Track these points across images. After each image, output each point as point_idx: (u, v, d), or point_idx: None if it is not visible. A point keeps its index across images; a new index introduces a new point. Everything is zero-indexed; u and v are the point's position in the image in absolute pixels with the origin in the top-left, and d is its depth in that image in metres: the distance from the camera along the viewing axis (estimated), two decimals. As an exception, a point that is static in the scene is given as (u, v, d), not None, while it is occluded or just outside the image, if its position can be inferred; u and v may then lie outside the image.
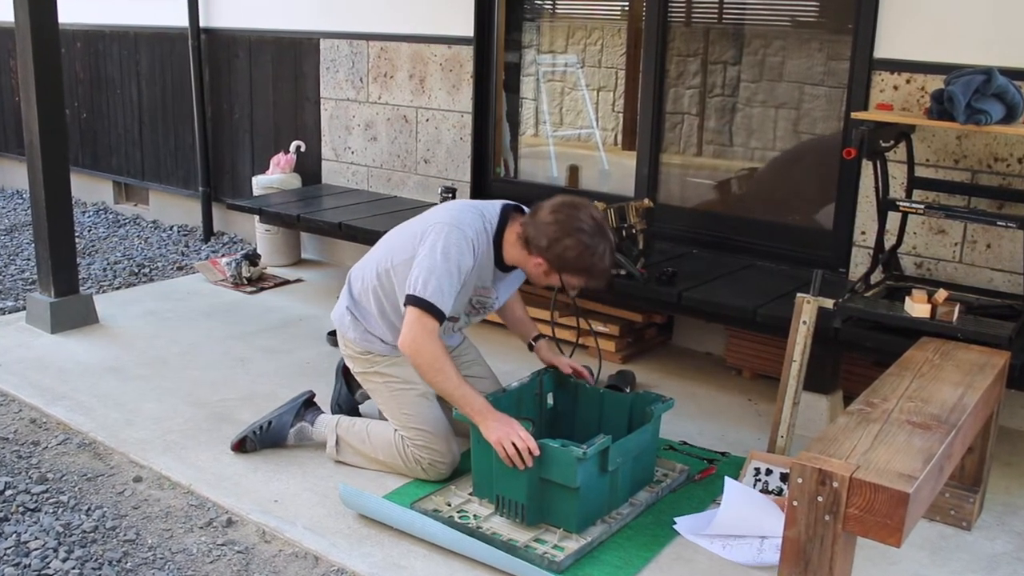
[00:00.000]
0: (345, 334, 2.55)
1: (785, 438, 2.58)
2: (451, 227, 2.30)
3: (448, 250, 2.27)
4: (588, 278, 2.32)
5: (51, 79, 3.39)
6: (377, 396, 2.53)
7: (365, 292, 2.49)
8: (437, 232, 2.29)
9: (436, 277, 2.25)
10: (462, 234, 2.29)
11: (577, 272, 2.30)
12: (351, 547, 2.17)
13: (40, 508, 2.35)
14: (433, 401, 2.50)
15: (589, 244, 2.25)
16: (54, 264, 3.52)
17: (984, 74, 2.48)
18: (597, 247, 2.26)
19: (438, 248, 2.27)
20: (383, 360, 2.51)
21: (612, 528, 2.25)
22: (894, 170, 2.88)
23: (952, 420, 1.82)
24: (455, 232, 2.29)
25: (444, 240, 2.27)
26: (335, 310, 2.59)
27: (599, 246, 2.26)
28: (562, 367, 2.58)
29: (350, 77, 4.36)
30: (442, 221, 2.32)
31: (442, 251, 2.27)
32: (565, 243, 2.25)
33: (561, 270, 2.30)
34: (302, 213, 3.94)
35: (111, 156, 5.62)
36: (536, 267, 2.34)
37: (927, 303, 2.46)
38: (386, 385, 2.49)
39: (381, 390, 2.51)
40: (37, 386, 3.04)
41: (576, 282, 2.34)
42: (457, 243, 2.28)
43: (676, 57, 3.55)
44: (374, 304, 2.48)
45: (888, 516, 1.51)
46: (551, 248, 2.27)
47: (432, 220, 2.36)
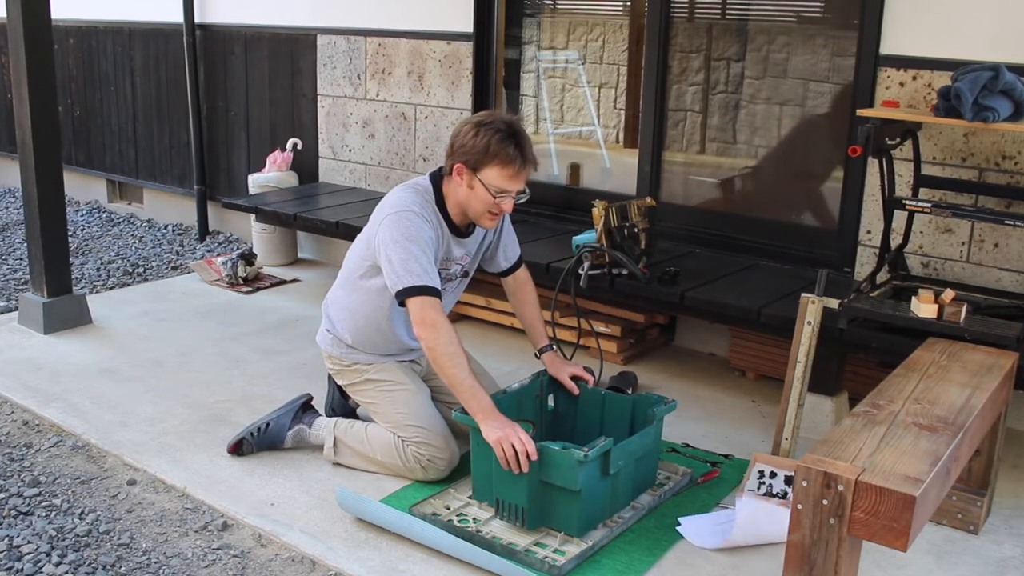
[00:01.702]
0: (330, 354, 2.57)
1: (789, 440, 2.57)
2: (396, 213, 2.30)
3: (408, 232, 2.27)
4: (502, 162, 2.26)
5: (44, 76, 3.37)
6: (371, 404, 2.52)
7: (340, 310, 2.53)
8: (387, 224, 2.30)
9: (409, 261, 2.26)
10: (410, 212, 2.30)
11: (487, 157, 2.25)
12: (348, 551, 2.16)
13: (33, 512, 2.33)
14: (427, 398, 2.50)
15: (481, 121, 2.27)
16: (47, 264, 3.50)
17: (992, 70, 2.47)
18: (490, 125, 2.25)
19: (397, 235, 2.27)
20: (370, 368, 2.52)
21: (614, 532, 2.23)
22: (900, 168, 2.87)
23: (959, 422, 1.81)
24: (404, 215, 2.30)
25: (397, 227, 2.28)
26: (318, 337, 2.63)
27: (492, 123, 2.25)
28: (564, 382, 2.55)
29: (347, 74, 4.34)
30: (385, 214, 2.33)
31: (402, 235, 2.27)
32: (463, 130, 2.29)
33: (473, 165, 2.28)
34: (299, 212, 3.93)
35: (105, 154, 5.60)
36: (460, 183, 2.32)
37: (934, 303, 2.44)
38: (378, 390, 2.49)
39: (374, 396, 2.50)
40: (30, 388, 3.03)
41: (496, 175, 2.27)
42: (410, 221, 2.29)
43: (679, 53, 3.53)
44: (350, 319, 2.50)
45: (894, 520, 1.50)
46: (454, 143, 2.30)
47: (376, 219, 2.38)
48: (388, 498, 2.38)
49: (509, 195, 2.31)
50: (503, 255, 2.63)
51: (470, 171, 2.29)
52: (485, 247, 2.59)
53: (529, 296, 2.66)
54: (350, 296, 2.50)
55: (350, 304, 2.51)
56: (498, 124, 2.26)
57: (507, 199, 2.32)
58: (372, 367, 2.52)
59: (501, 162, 2.26)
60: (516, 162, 2.26)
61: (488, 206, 2.32)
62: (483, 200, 2.31)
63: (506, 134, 2.25)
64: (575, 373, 2.55)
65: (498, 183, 2.28)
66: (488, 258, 2.63)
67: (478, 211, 2.35)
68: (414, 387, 2.49)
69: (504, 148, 2.25)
